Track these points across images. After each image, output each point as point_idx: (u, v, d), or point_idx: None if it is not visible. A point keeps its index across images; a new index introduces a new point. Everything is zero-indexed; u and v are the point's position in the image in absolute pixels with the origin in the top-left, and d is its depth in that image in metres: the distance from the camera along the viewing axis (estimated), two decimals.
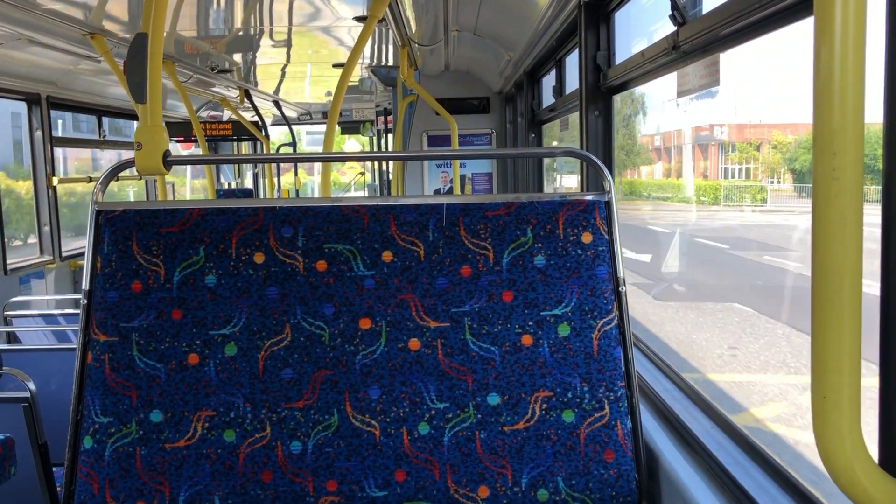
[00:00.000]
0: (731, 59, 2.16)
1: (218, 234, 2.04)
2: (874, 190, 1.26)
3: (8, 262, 5.88)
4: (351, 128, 14.22)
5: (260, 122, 9.47)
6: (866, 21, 1.03)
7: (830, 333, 1.03)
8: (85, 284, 2.04)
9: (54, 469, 2.87)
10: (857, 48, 1.01)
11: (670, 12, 2.25)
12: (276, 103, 10.34)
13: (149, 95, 2.05)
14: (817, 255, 1.02)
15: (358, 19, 5.08)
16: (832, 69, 1.02)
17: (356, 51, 4.16)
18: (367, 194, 16.97)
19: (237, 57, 6.97)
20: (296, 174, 11.12)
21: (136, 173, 2.23)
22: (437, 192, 8.04)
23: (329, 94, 10.44)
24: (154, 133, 2.06)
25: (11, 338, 4.70)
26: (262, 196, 12.91)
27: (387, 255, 2.02)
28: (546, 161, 6.58)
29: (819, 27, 1.03)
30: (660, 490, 1.92)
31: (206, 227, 2.04)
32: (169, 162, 2.09)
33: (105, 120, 7.98)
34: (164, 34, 5.30)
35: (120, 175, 8.89)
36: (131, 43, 2.03)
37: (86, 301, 2.03)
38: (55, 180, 6.55)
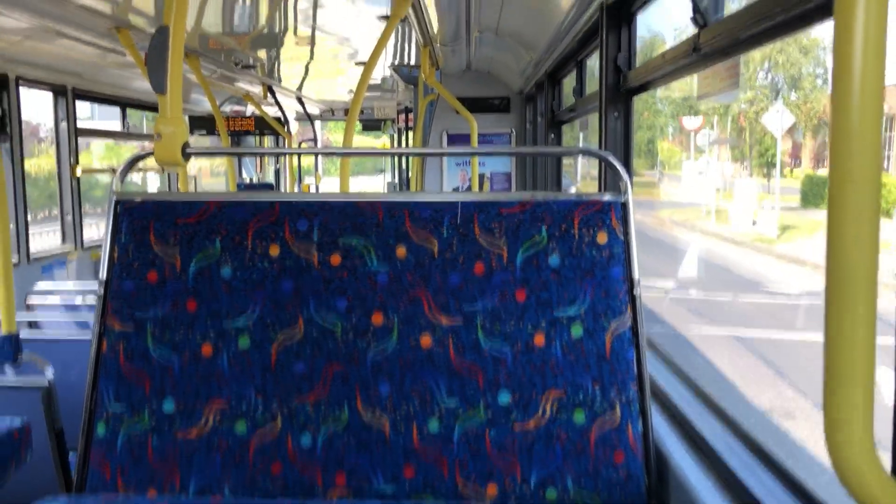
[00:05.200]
0: None
1: (234, 226, 2.05)
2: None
3: (31, 250, 5.96)
4: (372, 125, 14.26)
5: (283, 118, 9.52)
6: (887, 23, 1.02)
7: (844, 340, 1.02)
8: (102, 274, 2.06)
9: (70, 455, 2.91)
10: (877, 52, 1.01)
11: (692, 14, 2.23)
12: (299, 99, 10.39)
13: (169, 87, 2.06)
14: (832, 258, 1.01)
15: (381, 18, 5.10)
16: (851, 72, 1.01)
17: (378, 49, 4.17)
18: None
19: (261, 53, 7.02)
20: (316, 169, 11.17)
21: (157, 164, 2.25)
22: (456, 190, 8.05)
23: (351, 91, 10.48)
24: (174, 124, 2.08)
25: (32, 325, 4.77)
26: (283, 191, 12.96)
27: (401, 251, 2.03)
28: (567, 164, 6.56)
29: (839, 30, 1.02)
30: (669, 493, 1.91)
31: (222, 220, 2.06)
32: (188, 153, 2.11)
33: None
34: (189, 29, 5.34)
35: (144, 167, 8.92)
36: (154, 35, 2.05)
37: (102, 290, 2.05)
38: (79, 170, 6.63)
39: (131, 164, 2.18)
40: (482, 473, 1.92)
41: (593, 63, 4.66)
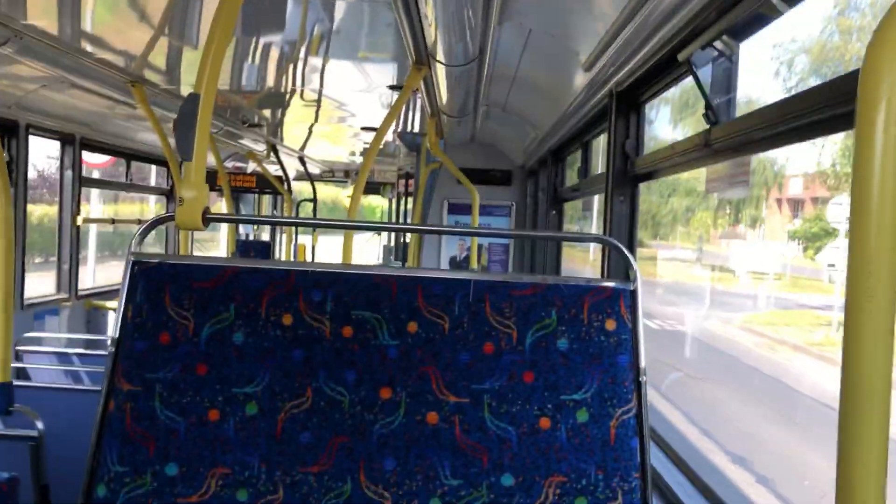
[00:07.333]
0: None
1: (249, 293, 2.07)
2: None
3: (25, 297, 5.93)
4: (372, 188, 14.39)
5: (284, 177, 9.62)
6: None
7: (857, 459, 1.04)
8: (115, 332, 2.07)
9: None
10: None
11: (704, 111, 2.31)
12: (301, 159, 10.51)
13: (195, 154, 2.11)
14: (847, 372, 1.04)
15: (392, 87, 5.22)
16: (870, 189, 1.05)
17: (388, 119, 4.27)
18: (381, 256, 17.04)
19: (267, 112, 7.14)
20: (314, 231, 11.28)
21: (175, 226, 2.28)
22: (454, 259, 8.10)
23: (353, 153, 10.62)
24: (196, 189, 2.11)
25: (22, 374, 4.72)
26: (279, 250, 12.98)
27: (412, 326, 2.05)
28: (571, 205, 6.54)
29: (860, 147, 1.06)
30: None
31: (238, 286, 2.07)
32: (207, 218, 2.13)
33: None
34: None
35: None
36: (183, 102, 2.10)
37: (114, 349, 2.05)
38: (79, 220, 6.65)
39: (151, 226, 2.21)
40: None
41: (598, 144, 4.76)
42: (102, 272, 11.22)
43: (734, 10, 2.08)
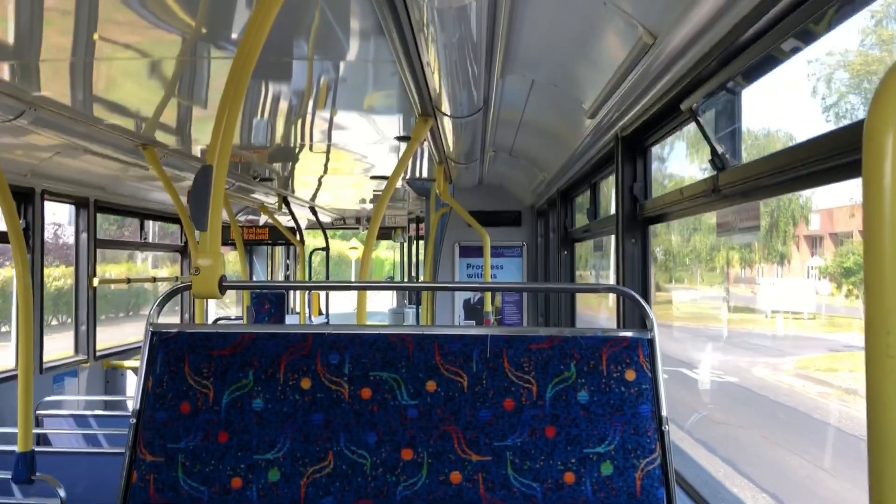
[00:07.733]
0: None
1: (267, 358, 2.08)
2: None
3: (44, 360, 5.97)
4: (382, 233, 14.49)
5: (296, 227, 9.70)
6: None
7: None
8: (135, 404, 2.08)
9: None
10: None
11: (710, 157, 2.33)
12: (313, 209, 10.60)
13: (210, 224, 2.14)
14: (873, 435, 1.03)
15: (399, 139, 5.29)
16: (882, 245, 1.05)
17: (398, 169, 4.32)
18: (395, 298, 17.05)
19: (278, 166, 7.23)
20: (327, 296, 11.42)
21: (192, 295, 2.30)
22: (468, 301, 8.10)
23: (363, 201, 10.71)
24: (212, 258, 2.14)
25: (42, 439, 4.73)
26: (292, 302, 13.04)
27: (430, 385, 2.05)
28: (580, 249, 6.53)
29: (868, 201, 1.07)
30: None
31: (256, 352, 2.09)
32: (224, 286, 2.16)
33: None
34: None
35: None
36: (197, 174, 2.14)
37: (134, 420, 2.07)
38: (95, 281, 6.71)
39: (169, 297, 2.24)
40: None
41: (606, 185, 4.79)
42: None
43: (736, 59, 2.11)
